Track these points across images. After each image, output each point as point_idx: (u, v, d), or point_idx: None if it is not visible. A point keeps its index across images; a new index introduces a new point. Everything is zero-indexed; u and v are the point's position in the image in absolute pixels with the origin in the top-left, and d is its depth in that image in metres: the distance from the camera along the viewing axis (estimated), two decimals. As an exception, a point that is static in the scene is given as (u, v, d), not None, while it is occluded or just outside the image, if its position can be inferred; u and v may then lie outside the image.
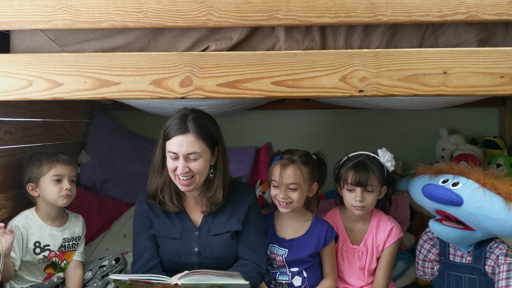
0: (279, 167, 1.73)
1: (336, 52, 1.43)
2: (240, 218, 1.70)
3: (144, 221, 1.73)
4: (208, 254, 1.67)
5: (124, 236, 2.32)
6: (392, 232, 1.82)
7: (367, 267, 1.82)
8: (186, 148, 1.59)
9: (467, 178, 1.61)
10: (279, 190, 1.73)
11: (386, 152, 1.81)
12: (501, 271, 1.58)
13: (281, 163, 1.73)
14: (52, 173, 1.78)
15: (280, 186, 1.72)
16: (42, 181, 1.79)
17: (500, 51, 1.40)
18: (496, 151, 2.72)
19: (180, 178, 1.62)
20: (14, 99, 1.50)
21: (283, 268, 1.79)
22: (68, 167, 1.82)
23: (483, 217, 1.53)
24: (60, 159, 1.81)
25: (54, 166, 1.79)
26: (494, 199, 1.53)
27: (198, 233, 1.69)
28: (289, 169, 1.71)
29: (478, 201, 1.54)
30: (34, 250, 1.76)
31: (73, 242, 1.87)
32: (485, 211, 1.53)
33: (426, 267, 1.79)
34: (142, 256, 1.68)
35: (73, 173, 1.85)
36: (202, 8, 1.43)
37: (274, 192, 1.76)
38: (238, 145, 2.79)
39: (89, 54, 1.49)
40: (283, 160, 1.74)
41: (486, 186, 1.56)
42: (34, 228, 1.78)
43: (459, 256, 1.70)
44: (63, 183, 1.79)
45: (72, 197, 1.83)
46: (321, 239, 1.76)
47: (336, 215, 1.90)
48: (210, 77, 1.44)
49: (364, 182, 1.74)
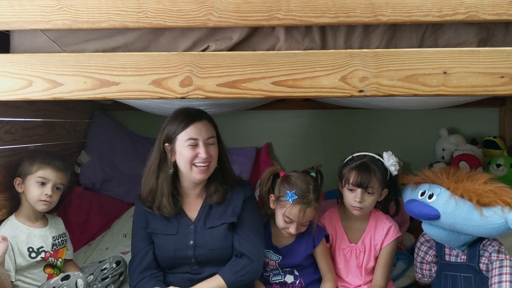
0: (297, 209, 1.70)
1: (336, 52, 1.43)
2: (236, 211, 1.72)
3: (140, 222, 1.76)
4: (203, 246, 1.68)
5: (124, 236, 2.32)
6: (390, 231, 1.82)
7: (364, 265, 1.82)
8: (206, 133, 1.66)
9: (440, 187, 1.64)
10: (293, 225, 1.72)
11: (391, 156, 1.80)
12: (493, 268, 1.60)
13: (299, 207, 1.70)
14: (38, 174, 1.78)
15: (294, 222, 1.72)
16: (28, 179, 1.79)
17: (500, 51, 1.40)
18: (496, 151, 2.72)
19: (200, 165, 1.66)
20: (14, 99, 1.50)
21: (276, 270, 1.81)
22: (57, 173, 1.80)
23: (460, 225, 1.58)
24: (52, 163, 1.79)
25: (43, 168, 1.78)
26: (464, 208, 1.56)
27: (194, 227, 1.71)
28: (308, 211, 1.71)
29: (452, 212, 1.58)
30: (29, 255, 1.75)
31: (61, 239, 1.87)
32: (460, 219, 1.57)
33: (424, 269, 1.80)
34: (136, 257, 1.73)
35: (60, 181, 1.82)
36: (202, 8, 1.43)
37: (284, 225, 1.74)
38: (238, 145, 2.79)
39: (89, 54, 1.49)
40: (301, 201, 1.70)
41: (457, 193, 1.59)
42: (22, 235, 1.76)
43: (454, 255, 1.72)
44: (45, 188, 1.78)
45: (52, 205, 1.81)
46: (310, 241, 1.78)
47: (334, 214, 1.91)
48: (210, 77, 1.44)
49: (365, 184, 1.74)
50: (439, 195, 1.62)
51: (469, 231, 1.58)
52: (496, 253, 1.62)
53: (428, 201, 1.64)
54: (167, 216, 1.72)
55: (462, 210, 1.56)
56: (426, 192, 1.67)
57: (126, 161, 2.77)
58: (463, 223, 1.56)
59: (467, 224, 1.56)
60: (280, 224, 1.75)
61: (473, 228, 1.55)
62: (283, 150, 2.94)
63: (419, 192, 1.70)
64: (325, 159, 1.94)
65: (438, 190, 1.64)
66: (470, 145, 2.76)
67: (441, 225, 1.63)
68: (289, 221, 1.72)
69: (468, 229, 1.57)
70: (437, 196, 1.63)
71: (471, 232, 1.57)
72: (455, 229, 1.60)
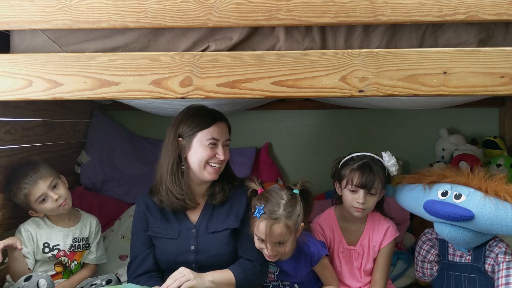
0: (263, 225, 1.57)
1: (336, 52, 1.43)
2: (239, 215, 1.71)
3: (140, 224, 1.75)
4: (205, 252, 1.67)
5: (122, 237, 2.33)
6: (388, 232, 1.81)
7: (363, 267, 1.82)
8: (225, 135, 1.69)
9: (467, 187, 1.58)
10: (265, 245, 1.60)
11: (391, 156, 1.79)
12: (500, 269, 1.59)
13: (265, 222, 1.57)
14: (36, 195, 1.78)
15: (267, 242, 1.59)
16: (35, 207, 1.81)
17: (500, 51, 1.40)
18: (496, 151, 2.71)
19: (214, 166, 1.67)
20: (14, 99, 1.50)
21: (275, 282, 1.78)
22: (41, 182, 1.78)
23: (498, 226, 1.52)
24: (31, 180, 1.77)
25: (33, 188, 1.77)
26: (503, 208, 1.51)
27: (195, 231, 1.70)
28: (276, 228, 1.57)
29: (489, 213, 1.51)
30: (43, 250, 1.81)
31: (83, 243, 1.89)
32: (498, 220, 1.51)
33: (425, 268, 1.80)
34: (135, 260, 1.72)
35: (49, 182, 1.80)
36: (202, 8, 1.43)
37: (259, 245, 1.63)
38: (238, 145, 2.78)
39: (89, 54, 1.49)
40: (267, 217, 1.58)
41: (490, 193, 1.53)
42: (44, 229, 1.83)
43: (458, 255, 1.71)
44: (48, 199, 1.80)
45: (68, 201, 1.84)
46: (307, 262, 1.72)
47: (331, 216, 1.88)
48: (210, 77, 1.43)
49: (370, 185, 1.72)
50: (469, 196, 1.55)
51: (505, 231, 1.52)
52: (503, 254, 1.61)
53: (456, 202, 1.56)
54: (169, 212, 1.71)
55: (501, 210, 1.50)
56: (450, 192, 1.59)
57: (126, 161, 2.77)
58: (502, 224, 1.51)
59: (505, 224, 1.50)
60: (256, 244, 1.64)
61: (509, 228, 1.51)
62: (283, 150, 2.94)
63: (439, 192, 1.62)
64: (325, 159, 1.94)
65: (467, 191, 1.57)
66: (470, 145, 2.76)
67: (472, 227, 1.55)
68: (260, 240, 1.61)
69: (505, 230, 1.52)
70: (467, 197, 1.55)
71: (508, 231, 1.52)
72: (490, 230, 1.54)
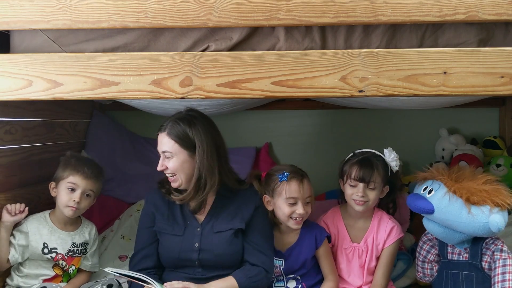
0: (296, 184, 1.71)
1: (336, 52, 1.43)
2: (245, 218, 1.71)
3: (146, 220, 1.76)
4: (209, 251, 1.67)
5: (122, 237, 2.32)
6: (393, 232, 1.82)
7: (366, 265, 1.82)
8: (160, 146, 1.66)
9: (439, 183, 1.66)
10: (299, 205, 1.71)
11: (392, 152, 1.82)
12: (496, 267, 1.60)
13: (296, 180, 1.72)
14: (69, 179, 1.80)
15: (298, 201, 1.71)
16: (61, 184, 1.82)
17: (500, 51, 1.40)
18: (496, 151, 2.71)
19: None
20: (14, 99, 1.50)
21: (280, 276, 1.80)
22: (87, 181, 1.81)
23: (452, 222, 1.60)
24: (81, 170, 1.81)
25: (73, 174, 1.80)
26: (456, 204, 1.59)
27: (201, 230, 1.70)
28: (306, 183, 1.73)
29: (444, 207, 1.60)
30: (42, 250, 1.79)
31: (81, 248, 1.88)
32: (450, 215, 1.60)
33: (426, 268, 1.80)
34: (138, 255, 1.74)
35: (90, 187, 1.82)
36: (202, 8, 1.43)
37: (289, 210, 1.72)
38: (238, 145, 2.78)
39: (89, 54, 1.49)
40: (295, 176, 1.73)
41: (452, 189, 1.61)
42: (45, 230, 1.82)
43: (457, 254, 1.72)
44: (74, 194, 1.80)
45: (79, 211, 1.83)
46: (312, 243, 1.77)
47: (336, 213, 1.90)
48: (210, 77, 1.44)
49: (368, 179, 1.75)
50: (437, 191, 1.64)
51: (458, 228, 1.60)
52: (499, 252, 1.62)
53: (427, 196, 1.66)
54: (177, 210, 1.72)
55: (454, 206, 1.59)
56: (428, 187, 1.69)
57: (126, 161, 2.77)
58: (453, 219, 1.59)
59: (456, 220, 1.58)
60: (285, 212, 1.72)
61: (461, 225, 1.58)
62: (283, 150, 2.94)
63: (423, 187, 1.71)
64: (325, 159, 1.95)
65: (437, 186, 1.66)
66: (470, 145, 2.76)
67: (436, 220, 1.65)
68: (293, 202, 1.71)
69: (458, 226, 1.59)
70: (435, 192, 1.65)
71: (460, 229, 1.60)
72: (447, 225, 1.63)
